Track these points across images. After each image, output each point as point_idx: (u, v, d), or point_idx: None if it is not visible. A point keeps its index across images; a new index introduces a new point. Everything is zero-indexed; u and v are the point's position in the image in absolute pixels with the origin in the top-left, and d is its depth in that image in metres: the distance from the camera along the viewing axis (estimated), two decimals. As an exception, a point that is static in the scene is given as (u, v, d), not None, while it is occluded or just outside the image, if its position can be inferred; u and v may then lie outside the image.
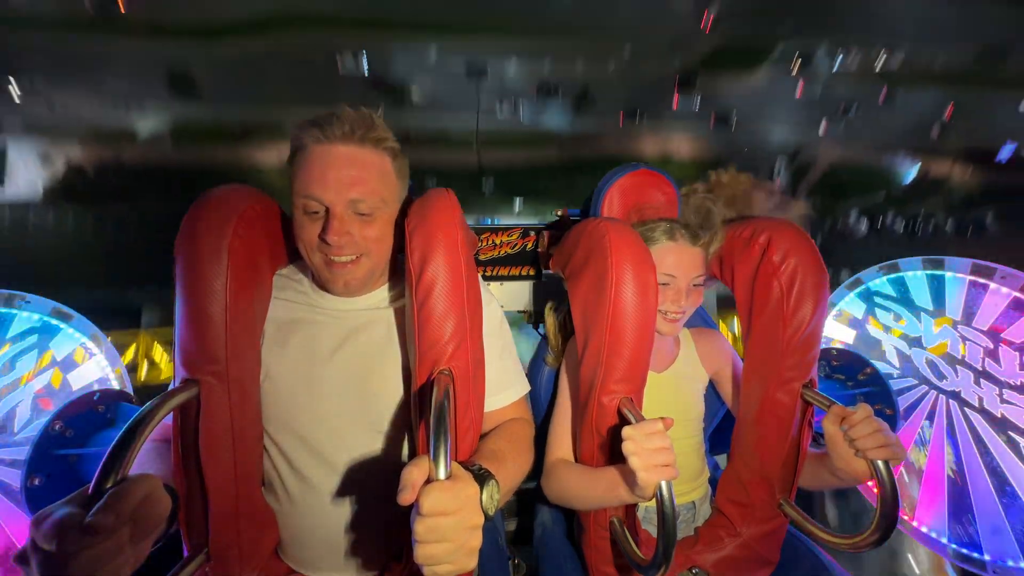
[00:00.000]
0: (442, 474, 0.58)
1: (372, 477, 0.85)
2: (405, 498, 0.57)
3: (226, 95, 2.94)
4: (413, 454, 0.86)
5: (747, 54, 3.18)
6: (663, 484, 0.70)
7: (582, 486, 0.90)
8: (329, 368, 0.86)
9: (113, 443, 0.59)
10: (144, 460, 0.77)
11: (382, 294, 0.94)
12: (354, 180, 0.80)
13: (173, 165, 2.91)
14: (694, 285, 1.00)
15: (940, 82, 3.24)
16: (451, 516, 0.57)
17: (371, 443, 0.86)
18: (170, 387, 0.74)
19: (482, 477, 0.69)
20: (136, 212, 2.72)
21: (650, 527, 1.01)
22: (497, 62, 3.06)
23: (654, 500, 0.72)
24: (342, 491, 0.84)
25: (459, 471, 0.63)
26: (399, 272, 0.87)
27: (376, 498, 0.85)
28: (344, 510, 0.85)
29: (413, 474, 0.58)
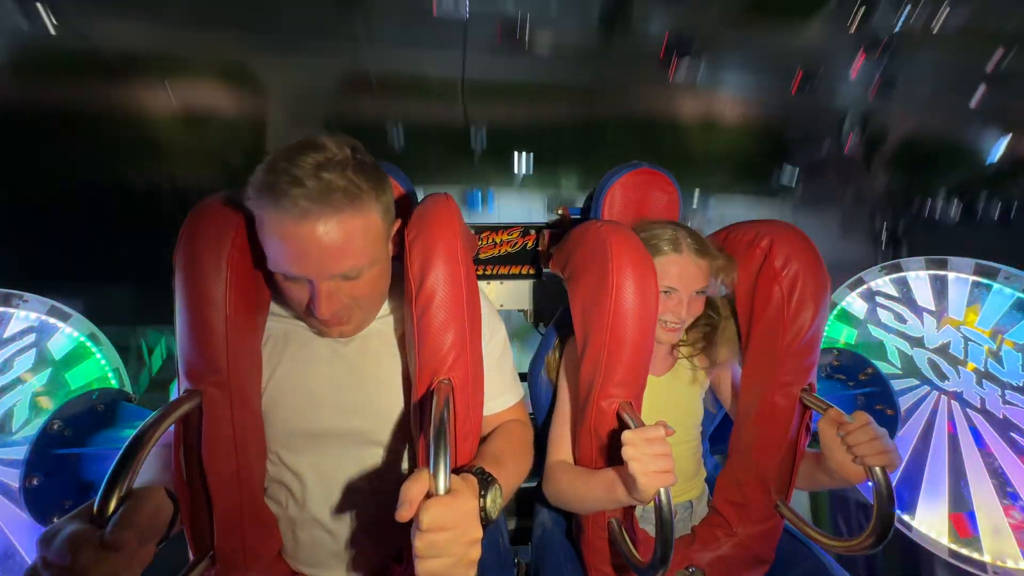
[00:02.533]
0: (442, 488, 0.58)
1: (372, 486, 0.85)
2: (403, 515, 0.57)
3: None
4: (413, 463, 0.86)
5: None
6: (662, 490, 0.71)
7: (580, 488, 0.89)
8: (328, 378, 0.85)
9: (118, 455, 0.59)
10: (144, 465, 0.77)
11: (383, 312, 0.91)
12: (339, 253, 0.68)
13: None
14: (696, 293, 0.99)
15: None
16: (450, 531, 0.56)
17: (371, 453, 0.86)
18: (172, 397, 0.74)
19: (485, 482, 0.68)
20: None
21: (648, 525, 1.01)
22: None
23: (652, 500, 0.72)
24: (342, 501, 0.84)
25: (458, 484, 0.62)
26: (398, 290, 0.85)
27: (376, 507, 0.85)
28: (344, 520, 0.85)
29: (412, 490, 0.58)
